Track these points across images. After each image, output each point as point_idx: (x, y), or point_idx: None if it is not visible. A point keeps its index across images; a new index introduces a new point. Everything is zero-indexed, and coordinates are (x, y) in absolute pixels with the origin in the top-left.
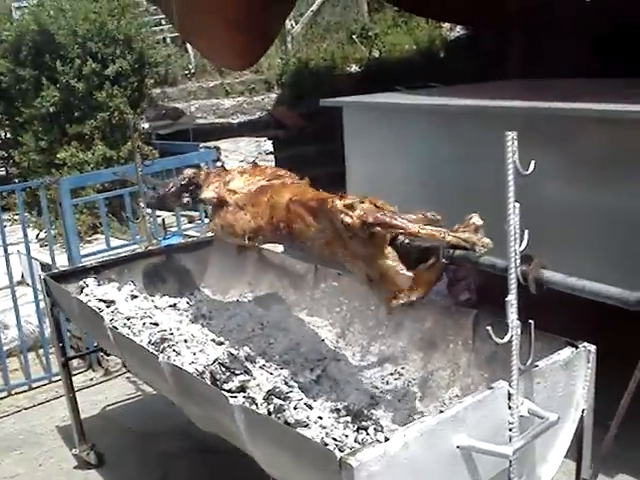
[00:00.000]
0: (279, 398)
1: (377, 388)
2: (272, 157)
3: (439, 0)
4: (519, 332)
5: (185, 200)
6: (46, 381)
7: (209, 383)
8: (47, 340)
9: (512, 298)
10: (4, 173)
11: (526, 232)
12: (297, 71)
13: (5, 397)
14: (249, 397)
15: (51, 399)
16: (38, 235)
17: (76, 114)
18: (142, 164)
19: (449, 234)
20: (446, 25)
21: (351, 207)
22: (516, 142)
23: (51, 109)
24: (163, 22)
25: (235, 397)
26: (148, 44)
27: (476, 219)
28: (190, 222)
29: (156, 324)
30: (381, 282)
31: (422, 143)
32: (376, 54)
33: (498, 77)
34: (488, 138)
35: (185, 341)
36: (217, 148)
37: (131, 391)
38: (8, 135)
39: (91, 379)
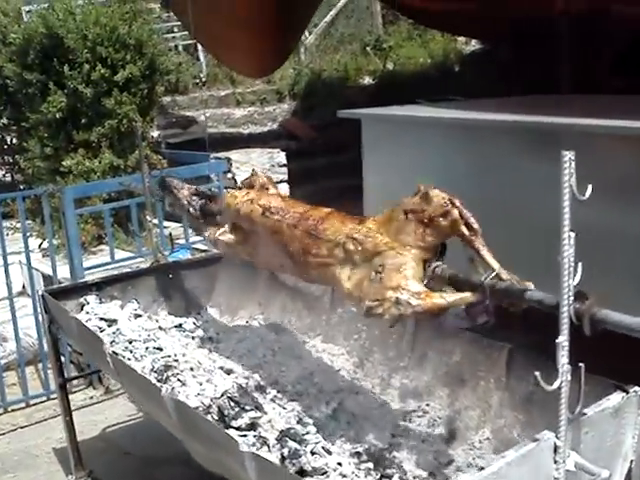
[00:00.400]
0: (294, 440)
1: (399, 426)
2: (285, 169)
3: (454, 14)
4: (569, 378)
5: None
6: (44, 398)
7: (217, 420)
8: (46, 354)
9: (563, 340)
10: (10, 179)
11: (580, 264)
12: (310, 82)
13: (1, 414)
14: (260, 437)
15: (49, 418)
16: (41, 245)
17: (83, 121)
18: (149, 174)
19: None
20: (461, 39)
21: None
22: (574, 163)
23: (57, 115)
24: (175, 29)
25: (245, 436)
26: (160, 50)
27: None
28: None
29: (160, 349)
30: (392, 274)
31: (445, 158)
32: (390, 66)
33: (514, 92)
34: (518, 155)
35: (191, 369)
36: (228, 159)
37: (132, 412)
38: (14, 141)
39: (91, 397)
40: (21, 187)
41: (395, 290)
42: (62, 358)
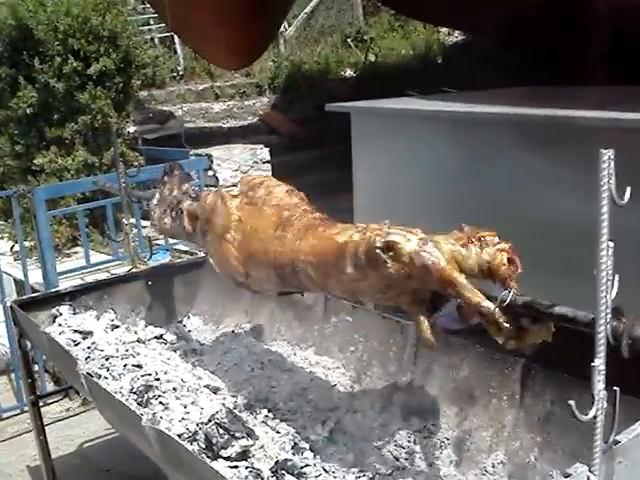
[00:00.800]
0: (291, 474)
1: (402, 448)
2: (269, 166)
3: (436, 4)
4: (605, 405)
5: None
6: (18, 411)
7: (204, 448)
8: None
9: (599, 363)
10: None
11: (616, 277)
12: (290, 75)
13: None
14: (253, 468)
15: (22, 432)
16: (12, 247)
17: (55, 116)
18: (125, 173)
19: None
20: (444, 30)
21: None
22: (613, 163)
23: (28, 111)
24: (151, 22)
25: (236, 467)
26: (135, 42)
27: None
28: None
29: (139, 366)
30: None
31: (440, 152)
32: (372, 58)
33: (498, 84)
34: (521, 148)
35: (174, 389)
36: (209, 156)
37: (110, 426)
38: None
39: (67, 409)
40: None
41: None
42: (36, 366)
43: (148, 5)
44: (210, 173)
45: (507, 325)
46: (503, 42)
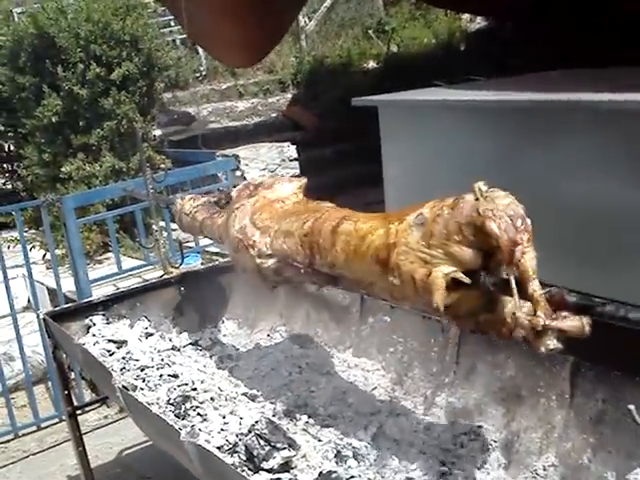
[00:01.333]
0: None
1: (449, 451)
2: (296, 163)
3: None
4: None
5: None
6: (56, 420)
7: (245, 461)
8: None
9: None
10: (10, 188)
11: None
12: (312, 69)
13: (11, 439)
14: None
15: (62, 442)
16: (45, 256)
17: (81, 123)
18: (152, 178)
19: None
20: (466, 16)
21: None
22: None
23: (54, 119)
24: (172, 23)
25: (278, 479)
26: (157, 45)
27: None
28: None
29: (176, 376)
30: None
31: (472, 143)
32: (394, 49)
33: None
34: (554, 135)
35: (211, 399)
36: (236, 156)
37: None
38: (12, 148)
39: (105, 417)
40: (21, 195)
41: None
42: (72, 374)
43: None
44: (238, 173)
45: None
46: (526, 25)
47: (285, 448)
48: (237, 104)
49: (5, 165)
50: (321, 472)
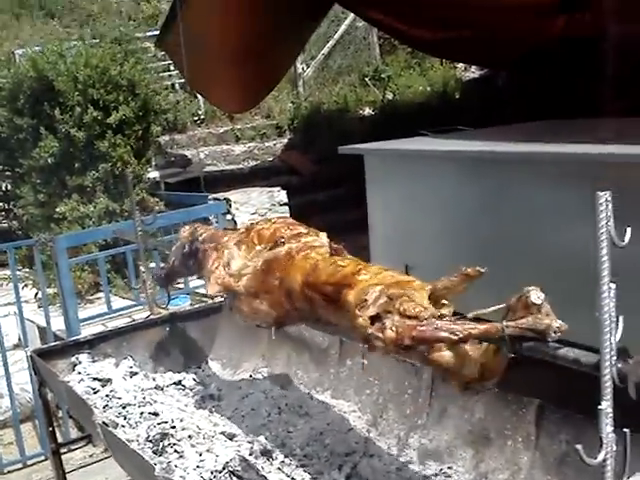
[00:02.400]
0: None
1: None
2: (286, 208)
3: (451, 41)
4: (614, 448)
5: (192, 268)
6: (42, 457)
7: None
8: None
9: (607, 406)
10: (6, 226)
11: (621, 318)
12: (309, 115)
13: None
14: None
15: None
16: (37, 294)
17: (76, 165)
18: (142, 221)
19: (508, 325)
20: (460, 65)
21: (379, 323)
22: (611, 205)
23: (50, 160)
24: (171, 67)
25: None
26: (153, 90)
27: (535, 296)
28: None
29: (156, 414)
30: (445, 374)
31: (456, 194)
32: (389, 96)
33: (516, 118)
34: (536, 187)
35: (189, 437)
36: (227, 200)
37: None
38: (9, 187)
39: (91, 455)
40: (17, 234)
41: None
42: (60, 412)
43: None
44: (228, 217)
45: None
46: (520, 76)
47: None
48: (234, 148)
49: (1, 204)
50: None
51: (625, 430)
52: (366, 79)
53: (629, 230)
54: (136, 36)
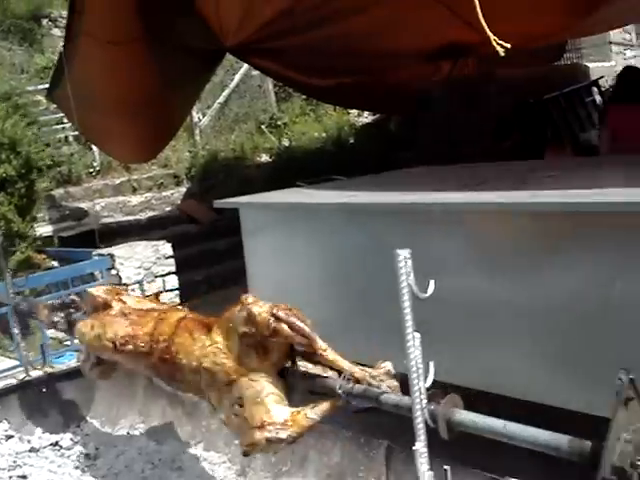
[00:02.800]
0: None
1: None
2: (172, 261)
3: (345, 87)
4: None
5: (56, 319)
6: None
7: None
8: None
9: (421, 446)
10: None
11: (431, 365)
12: (206, 163)
13: None
14: None
15: None
16: None
17: None
18: (13, 283)
19: (357, 367)
20: (353, 111)
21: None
22: (410, 262)
23: None
24: (65, 120)
25: None
26: (41, 144)
27: (389, 367)
28: None
29: (25, 477)
30: (253, 408)
31: (321, 243)
32: (286, 143)
33: (410, 160)
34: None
35: None
36: (111, 255)
37: None
38: None
39: None
40: None
41: (262, 430)
42: None
43: None
44: (113, 272)
45: None
46: (409, 121)
47: None
48: (130, 199)
49: None
50: None
51: (446, 468)
52: (262, 126)
53: (432, 283)
54: (27, 89)
